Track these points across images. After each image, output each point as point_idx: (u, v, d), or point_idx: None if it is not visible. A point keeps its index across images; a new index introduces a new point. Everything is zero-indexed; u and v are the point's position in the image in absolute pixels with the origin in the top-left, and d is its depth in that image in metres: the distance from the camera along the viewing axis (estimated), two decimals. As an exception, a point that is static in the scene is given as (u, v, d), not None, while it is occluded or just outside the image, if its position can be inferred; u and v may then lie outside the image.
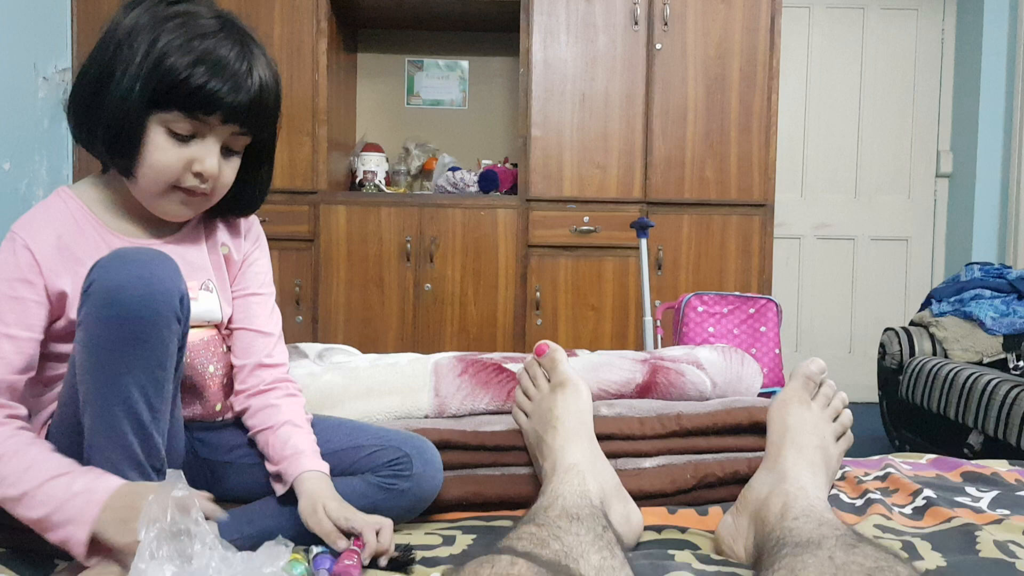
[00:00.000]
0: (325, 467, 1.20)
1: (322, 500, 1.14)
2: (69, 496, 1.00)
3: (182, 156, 1.12)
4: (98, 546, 1.00)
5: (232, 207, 1.27)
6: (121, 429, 0.99)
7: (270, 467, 1.22)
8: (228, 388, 1.28)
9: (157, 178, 1.13)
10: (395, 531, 1.23)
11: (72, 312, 1.10)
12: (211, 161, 1.14)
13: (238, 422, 1.28)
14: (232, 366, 1.28)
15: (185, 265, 1.12)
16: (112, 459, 1.01)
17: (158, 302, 0.98)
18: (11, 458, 1.02)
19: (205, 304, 1.23)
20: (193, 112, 1.10)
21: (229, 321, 1.29)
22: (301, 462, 1.18)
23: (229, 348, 1.29)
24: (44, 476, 1.01)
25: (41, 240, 1.12)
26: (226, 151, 1.17)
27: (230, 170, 1.19)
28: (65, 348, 1.13)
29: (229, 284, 1.29)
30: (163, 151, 1.11)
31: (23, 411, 1.09)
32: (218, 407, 1.27)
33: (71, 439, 1.06)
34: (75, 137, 1.16)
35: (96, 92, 1.11)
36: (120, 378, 0.98)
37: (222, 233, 1.30)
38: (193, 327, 1.20)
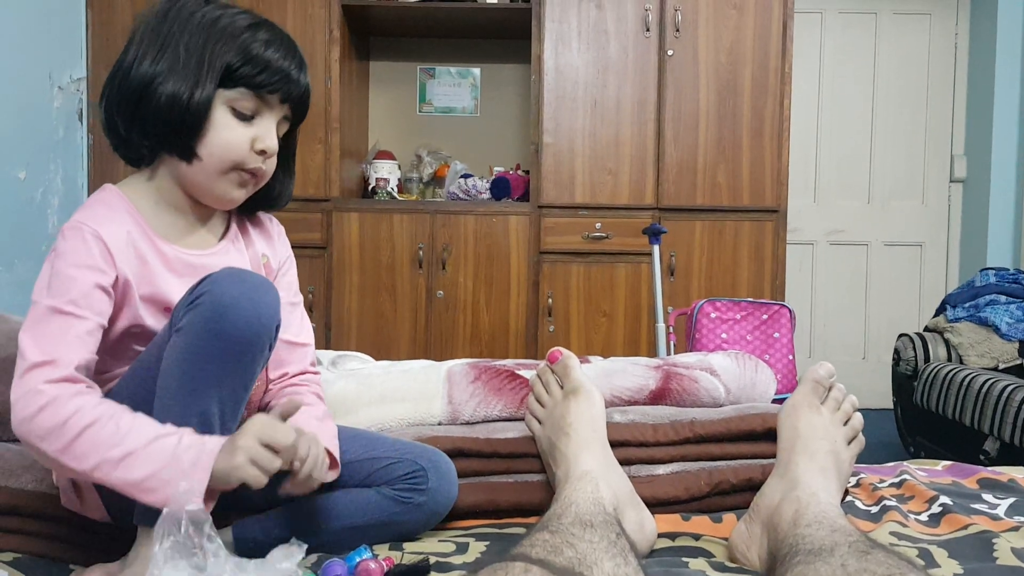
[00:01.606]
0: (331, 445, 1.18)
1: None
2: (179, 451, 1.00)
3: (247, 134, 1.16)
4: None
5: (265, 199, 1.29)
6: None
7: None
8: (250, 406, 1.28)
9: (224, 157, 1.15)
10: (409, 540, 1.23)
11: (131, 308, 1.12)
12: (273, 138, 1.18)
13: None
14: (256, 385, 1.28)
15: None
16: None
17: (262, 326, 1.03)
18: (106, 422, 1.01)
19: None
20: (260, 90, 1.14)
21: None
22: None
23: None
24: (150, 436, 1.00)
25: (111, 232, 1.11)
26: None
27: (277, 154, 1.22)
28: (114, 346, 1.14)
29: None
30: (231, 130, 1.14)
31: (99, 389, 1.09)
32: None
33: None
34: (114, 130, 1.16)
35: (154, 77, 1.11)
36: (207, 390, 1.01)
37: (260, 243, 1.32)
38: None
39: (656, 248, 2.89)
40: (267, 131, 1.18)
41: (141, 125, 1.14)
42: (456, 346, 3.43)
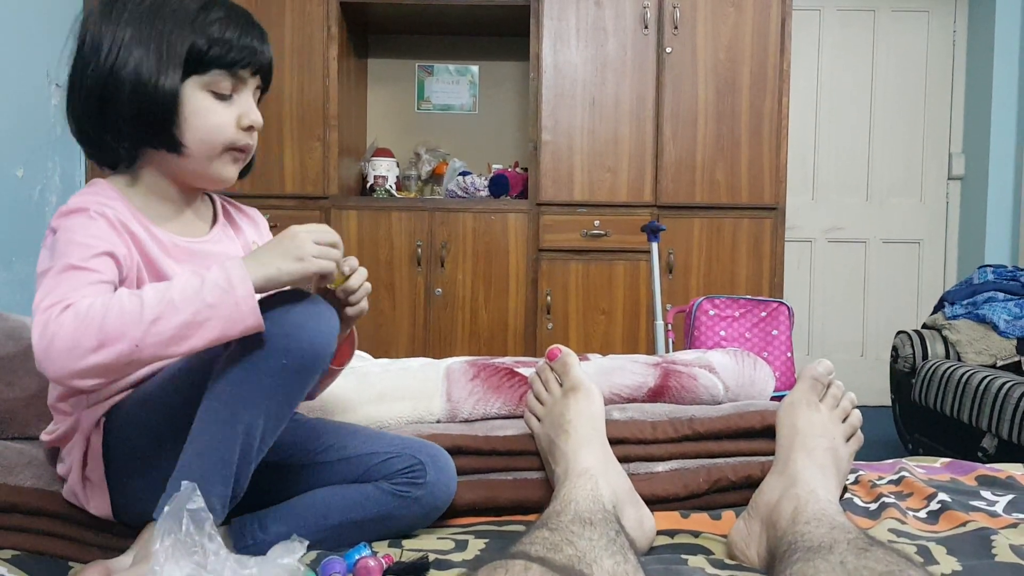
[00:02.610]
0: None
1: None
2: (208, 277, 1.00)
3: (231, 114, 1.16)
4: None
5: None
6: (231, 446, 1.02)
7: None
8: None
9: (214, 141, 1.15)
10: (407, 537, 1.23)
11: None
12: (256, 112, 1.19)
13: None
14: None
15: (206, 261, 1.16)
16: (204, 466, 1.02)
17: (322, 356, 1.05)
18: (125, 297, 0.99)
19: None
20: (233, 67, 1.14)
21: None
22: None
23: None
24: (165, 287, 1.01)
25: (112, 211, 1.11)
26: None
27: None
28: None
29: None
30: (215, 113, 1.15)
31: None
32: None
33: (135, 443, 1.08)
34: (83, 139, 1.16)
35: (116, 79, 1.11)
36: (259, 402, 1.02)
37: (249, 231, 1.32)
38: None
39: (655, 246, 2.89)
40: (249, 106, 1.18)
41: (114, 126, 1.13)
42: (455, 344, 3.44)
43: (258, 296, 1.02)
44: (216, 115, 1.15)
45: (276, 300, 1.04)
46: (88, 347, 0.96)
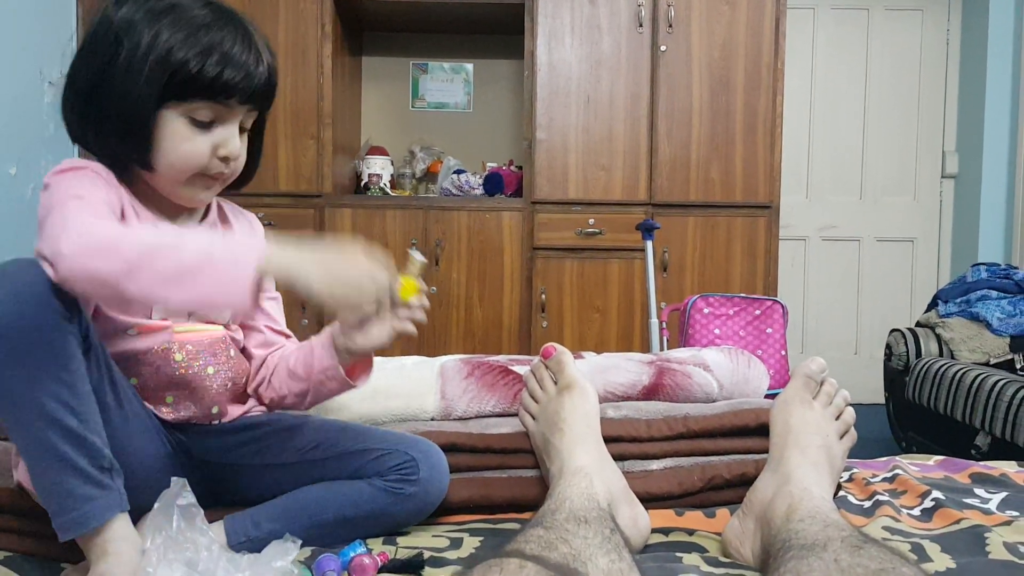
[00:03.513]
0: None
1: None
2: (226, 239, 1.04)
3: (207, 142, 1.14)
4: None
5: (234, 181, 1.26)
6: (51, 442, 0.96)
7: (315, 372, 1.24)
8: (231, 394, 1.26)
9: (184, 167, 1.14)
10: (402, 534, 1.23)
11: None
12: (235, 143, 1.16)
13: (239, 424, 1.27)
14: (239, 373, 1.27)
15: None
16: (52, 475, 0.98)
17: (34, 308, 0.94)
18: (147, 229, 1.04)
19: None
20: (217, 98, 1.12)
21: (241, 325, 1.30)
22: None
23: (238, 352, 1.28)
24: (180, 230, 1.03)
25: (107, 175, 1.11)
26: (239, 130, 1.19)
27: (244, 148, 1.21)
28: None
29: None
30: (188, 140, 1.13)
31: None
32: (215, 410, 1.24)
33: None
34: (75, 138, 1.16)
35: (99, 90, 1.10)
36: (28, 393, 0.95)
37: (242, 233, 1.32)
38: (200, 323, 1.21)
39: (649, 244, 2.89)
40: (229, 136, 1.15)
41: (95, 134, 1.13)
42: (449, 342, 3.43)
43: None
44: (189, 143, 1.13)
45: None
46: (94, 245, 0.96)
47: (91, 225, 0.99)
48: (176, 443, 1.21)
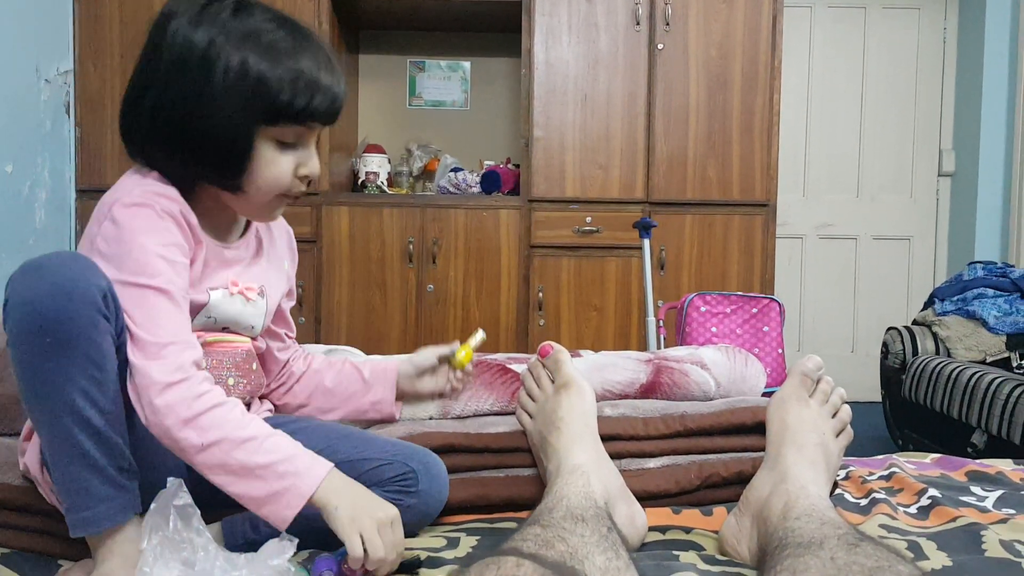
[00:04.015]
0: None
1: None
2: (297, 452, 1.04)
3: (291, 163, 1.15)
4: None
5: None
6: (75, 438, 0.97)
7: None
8: (246, 405, 1.28)
9: (270, 189, 1.15)
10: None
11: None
12: (316, 163, 1.18)
13: None
14: (256, 387, 1.29)
15: (245, 269, 1.20)
16: (72, 471, 0.99)
17: (76, 303, 0.96)
18: (233, 407, 1.04)
19: (253, 309, 1.23)
20: (306, 121, 1.12)
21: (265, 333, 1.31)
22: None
23: (259, 365, 1.30)
24: (270, 431, 1.04)
25: (178, 208, 1.10)
26: None
27: None
28: None
29: (279, 296, 1.31)
30: (275, 163, 1.13)
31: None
32: None
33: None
34: (137, 155, 1.14)
35: (191, 116, 1.09)
36: (60, 388, 0.96)
37: (281, 246, 1.33)
38: (231, 334, 1.22)
39: (646, 242, 2.89)
40: (310, 155, 1.17)
41: (179, 158, 1.11)
42: (446, 340, 3.38)
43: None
44: (277, 166, 1.13)
45: (10, 281, 0.97)
46: (181, 414, 1.00)
47: (183, 386, 1.01)
48: None
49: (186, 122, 1.09)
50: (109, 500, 0.99)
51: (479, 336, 1.41)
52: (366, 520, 1.03)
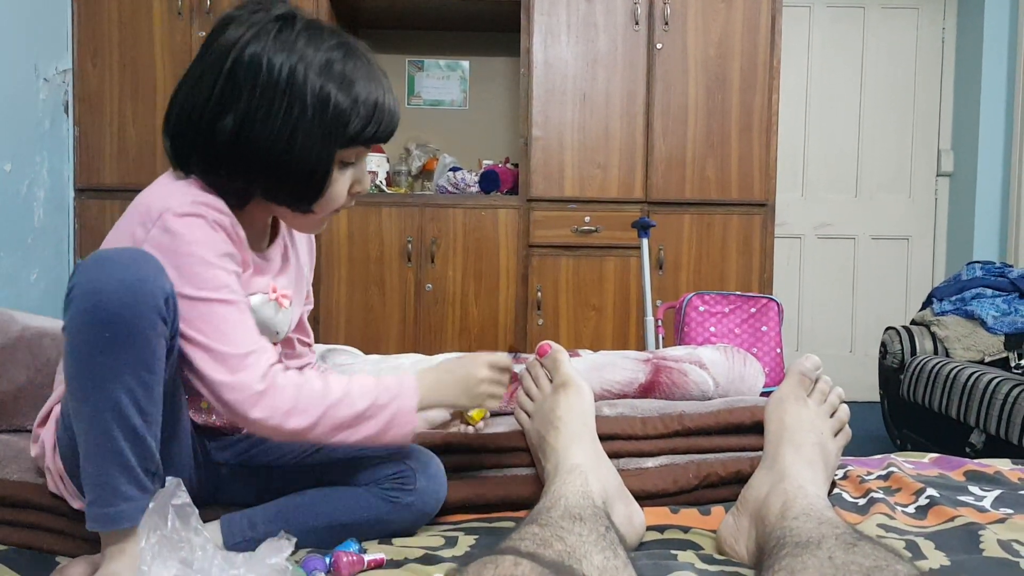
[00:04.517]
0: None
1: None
2: (382, 381, 1.15)
3: (348, 181, 1.19)
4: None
5: None
6: (112, 435, 0.98)
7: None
8: None
9: (332, 206, 1.18)
10: (398, 538, 1.23)
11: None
12: (368, 179, 1.23)
13: None
14: None
15: (276, 276, 1.23)
16: (103, 466, 0.99)
17: (140, 304, 0.96)
18: (313, 380, 1.12)
19: (283, 315, 1.25)
20: (371, 143, 1.17)
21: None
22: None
23: None
24: (347, 380, 1.14)
25: (228, 220, 1.11)
26: None
27: None
28: None
29: (303, 301, 1.35)
30: (338, 183, 1.17)
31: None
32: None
33: (68, 437, 1.06)
34: (188, 168, 1.13)
35: (277, 146, 1.10)
36: (108, 384, 0.97)
37: (303, 252, 1.35)
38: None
39: (645, 242, 2.89)
40: (364, 172, 1.21)
41: (256, 182, 1.13)
42: (445, 340, 3.43)
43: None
44: (339, 185, 1.17)
45: (79, 270, 0.98)
46: (281, 410, 1.07)
47: (273, 391, 1.07)
48: (196, 445, 1.23)
49: (272, 148, 1.10)
50: (133, 500, 0.99)
51: None
52: (474, 392, 1.20)
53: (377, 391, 1.13)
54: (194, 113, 1.11)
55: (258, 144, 1.09)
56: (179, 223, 1.06)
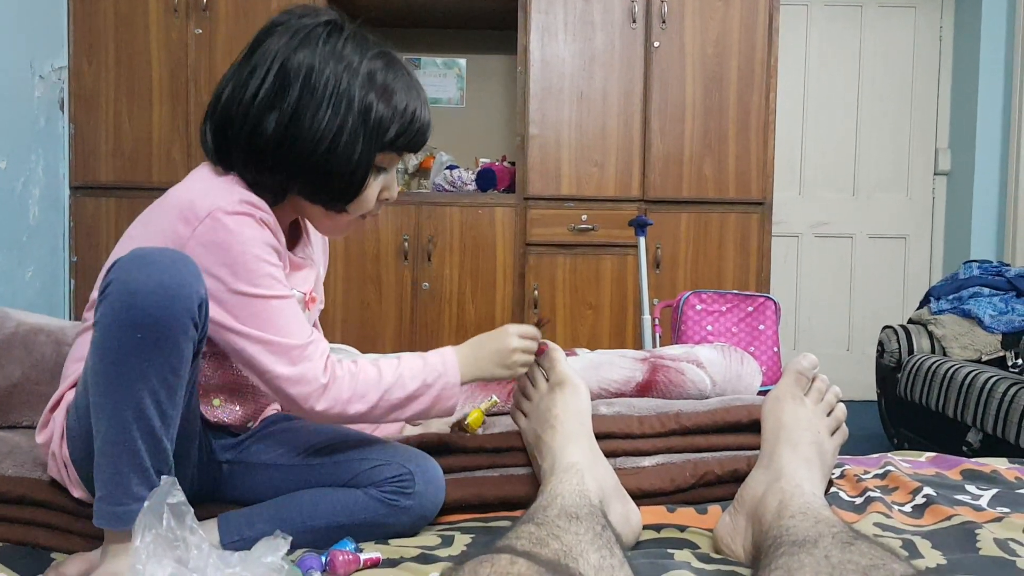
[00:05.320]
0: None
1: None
2: (427, 359, 1.21)
3: (378, 187, 1.23)
4: None
5: None
6: (131, 435, 0.98)
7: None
8: (270, 406, 1.35)
9: (362, 209, 1.23)
10: (394, 541, 1.23)
11: None
12: (396, 187, 1.27)
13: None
14: None
15: (307, 275, 1.27)
16: (117, 464, 0.99)
17: (176, 307, 0.97)
18: (367, 367, 1.18)
19: (308, 314, 1.29)
20: (405, 151, 1.23)
21: None
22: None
23: None
24: (396, 364, 1.20)
25: (271, 220, 1.15)
26: None
27: None
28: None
29: (319, 301, 1.37)
30: (370, 187, 1.22)
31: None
32: (250, 424, 1.31)
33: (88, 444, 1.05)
34: (231, 166, 1.17)
35: (319, 150, 1.15)
36: (133, 384, 0.97)
37: (318, 253, 1.37)
38: None
39: (642, 240, 2.89)
40: (393, 180, 1.25)
41: (297, 179, 1.17)
42: (441, 338, 3.43)
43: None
44: (372, 189, 1.22)
45: (117, 268, 0.99)
46: (343, 399, 1.14)
47: (335, 383, 1.14)
48: (203, 443, 1.23)
49: (317, 148, 1.15)
50: (143, 501, 0.99)
51: (491, 400, 1.49)
52: (507, 362, 1.25)
53: (425, 372, 1.20)
54: (240, 109, 1.15)
55: (304, 142, 1.14)
56: (231, 220, 1.09)
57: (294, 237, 1.32)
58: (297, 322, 1.13)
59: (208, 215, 1.08)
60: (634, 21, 3.43)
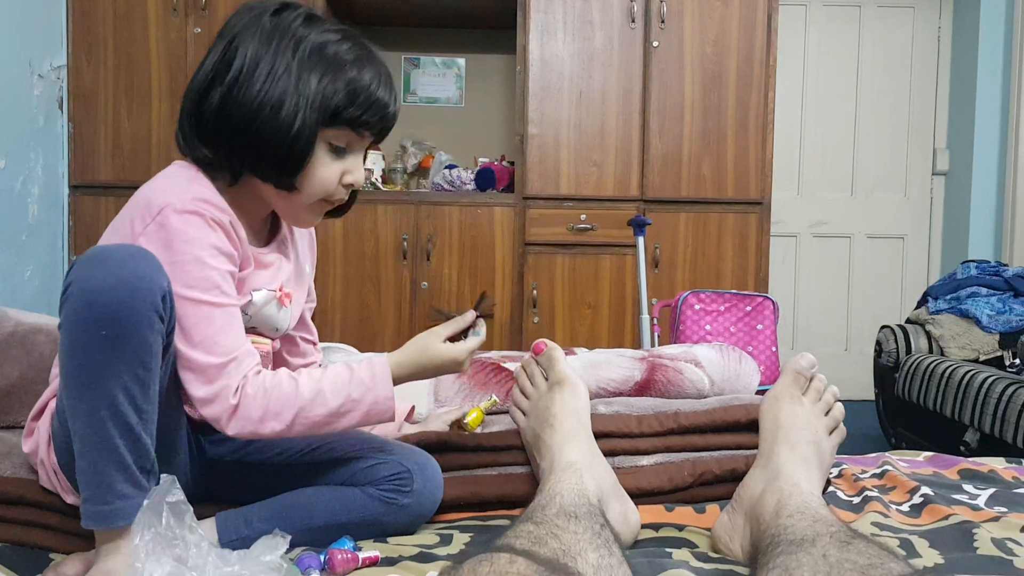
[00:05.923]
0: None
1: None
2: (354, 371, 1.14)
3: (338, 169, 1.19)
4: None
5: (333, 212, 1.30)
6: (108, 433, 0.98)
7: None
8: None
9: (317, 191, 1.18)
10: (393, 539, 1.23)
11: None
12: (360, 172, 1.22)
13: None
14: None
15: (277, 273, 1.23)
16: (98, 464, 0.99)
17: (137, 301, 0.96)
18: (283, 383, 1.11)
19: (284, 313, 1.26)
20: (360, 128, 1.18)
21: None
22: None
23: (271, 368, 1.30)
24: (319, 375, 1.13)
25: (226, 218, 1.12)
26: None
27: None
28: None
29: (303, 299, 1.35)
30: (326, 167, 1.17)
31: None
32: None
33: (63, 431, 1.05)
34: (188, 144, 1.16)
35: (259, 119, 1.12)
36: (105, 381, 0.97)
37: (303, 249, 1.35)
38: (256, 335, 1.23)
39: (641, 240, 2.89)
40: (357, 164, 1.21)
41: (239, 152, 1.14)
42: (440, 337, 3.42)
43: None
44: (326, 168, 1.17)
45: (76, 268, 0.98)
46: (254, 419, 1.08)
47: (245, 403, 1.08)
48: (192, 441, 1.23)
49: (255, 115, 1.12)
50: (128, 498, 0.99)
51: (491, 399, 1.48)
52: (441, 362, 1.20)
53: (350, 386, 1.13)
54: (192, 86, 1.15)
55: (244, 112, 1.12)
56: (177, 219, 1.07)
57: (273, 232, 1.30)
58: (226, 334, 1.08)
59: (159, 212, 1.07)
60: (633, 21, 3.43)
